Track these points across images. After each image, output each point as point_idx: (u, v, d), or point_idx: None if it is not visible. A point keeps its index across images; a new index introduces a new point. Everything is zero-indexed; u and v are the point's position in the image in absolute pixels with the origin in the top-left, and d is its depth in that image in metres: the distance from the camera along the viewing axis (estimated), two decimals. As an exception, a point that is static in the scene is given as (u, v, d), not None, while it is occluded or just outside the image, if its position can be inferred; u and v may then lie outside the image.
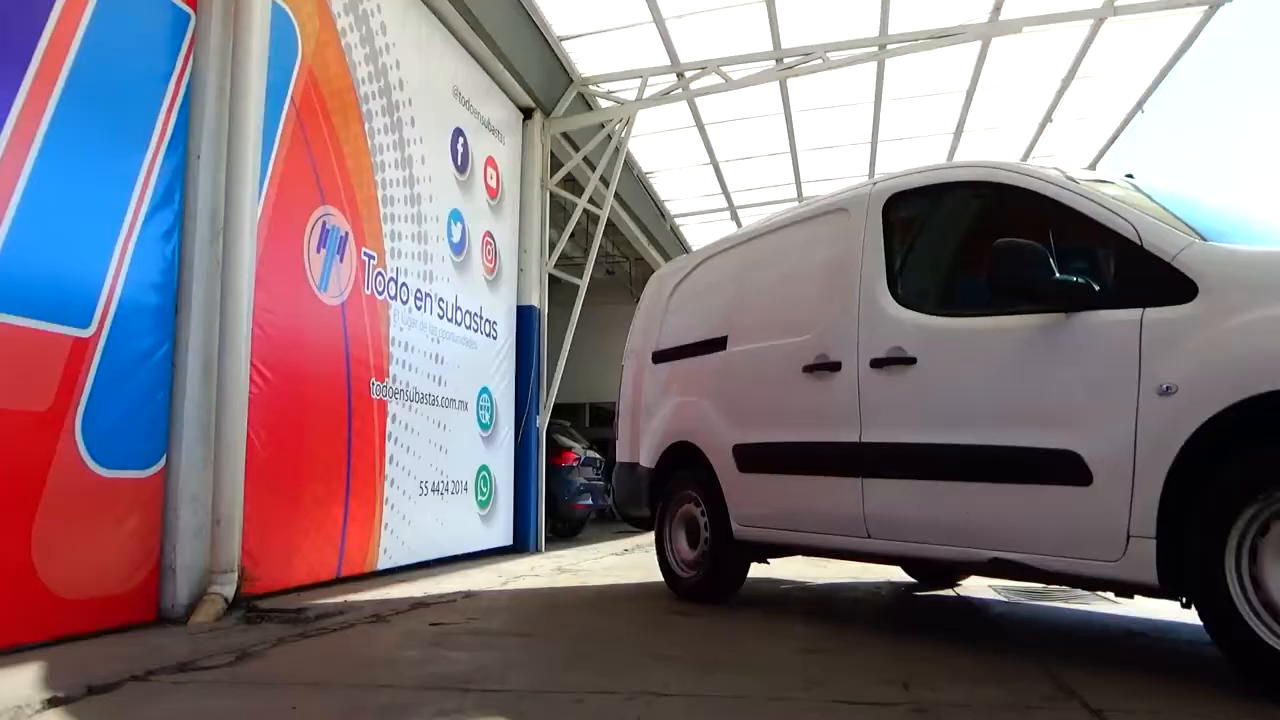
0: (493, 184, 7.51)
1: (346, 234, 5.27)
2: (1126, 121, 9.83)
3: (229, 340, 4.12)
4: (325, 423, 5.02)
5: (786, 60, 8.04)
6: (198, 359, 4.04)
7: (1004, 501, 3.02)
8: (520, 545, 7.69)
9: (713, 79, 8.22)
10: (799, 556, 4.90)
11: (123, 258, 3.72)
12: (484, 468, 7.14)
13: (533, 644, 3.36)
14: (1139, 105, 9.39)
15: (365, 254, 5.46)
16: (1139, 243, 2.79)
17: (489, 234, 7.40)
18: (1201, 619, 2.51)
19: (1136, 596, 2.91)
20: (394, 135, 5.88)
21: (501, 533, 7.48)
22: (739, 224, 12.51)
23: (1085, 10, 7.48)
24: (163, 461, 3.91)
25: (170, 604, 3.86)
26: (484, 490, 7.11)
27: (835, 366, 3.73)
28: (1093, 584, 2.96)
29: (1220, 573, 2.42)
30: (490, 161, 7.47)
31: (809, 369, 3.86)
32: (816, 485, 3.82)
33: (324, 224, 5.05)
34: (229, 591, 4.00)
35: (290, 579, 4.68)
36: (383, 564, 5.56)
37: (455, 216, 6.77)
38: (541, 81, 8.01)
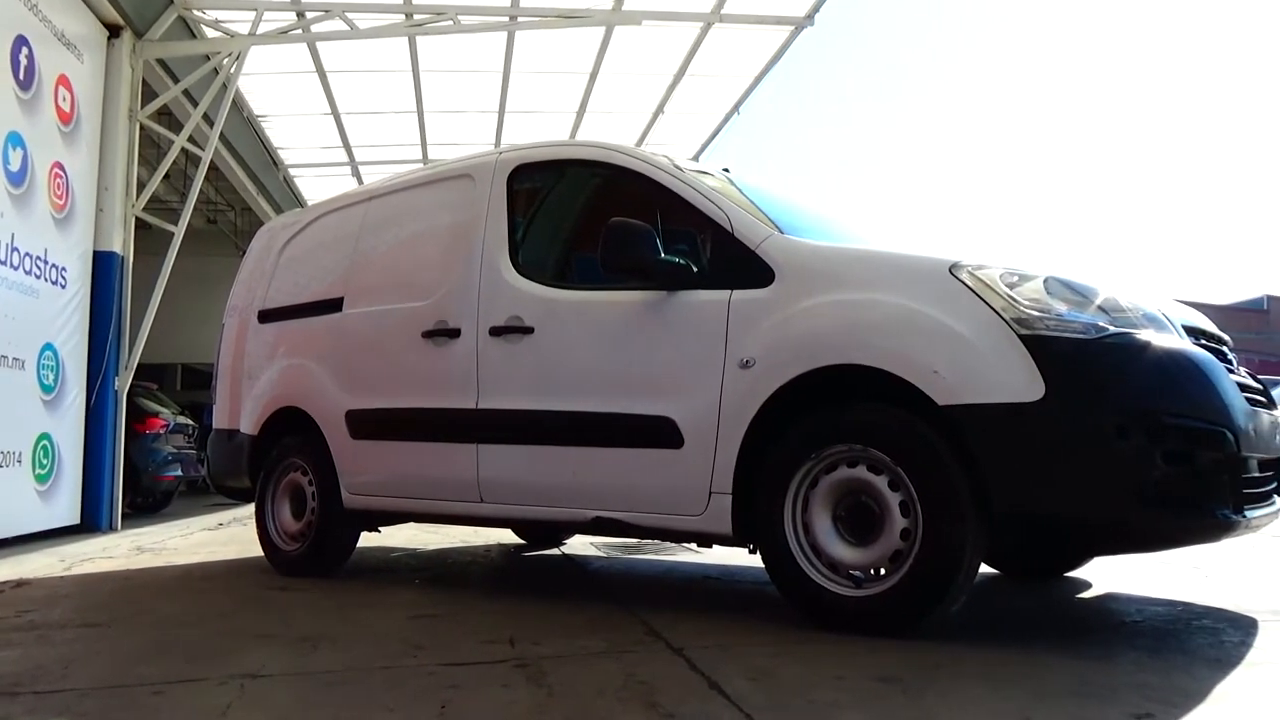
0: (66, 107, 6.44)
1: None
2: (726, 120, 10.98)
3: None
4: None
5: (416, 17, 7.82)
6: None
7: (608, 464, 3.24)
8: (91, 524, 6.75)
9: (337, 24, 7.74)
10: (411, 523, 4.85)
11: None
12: (45, 436, 6.16)
13: (103, 635, 2.97)
14: (736, 107, 10.58)
15: (-119, 173, 4.42)
16: (731, 231, 3.12)
17: (59, 165, 6.34)
18: (764, 562, 2.90)
19: (715, 546, 3.27)
20: (-73, 31, 4.81)
21: (67, 510, 6.51)
22: (360, 181, 12.00)
23: (696, 13, 8.19)
24: None
25: None
26: (44, 462, 6.13)
27: (454, 333, 3.72)
28: (680, 537, 3.30)
29: (780, 521, 2.80)
30: (64, 81, 6.39)
31: (428, 335, 3.81)
32: (432, 451, 3.80)
33: None
34: None
35: None
36: (-99, 553, 4.60)
37: (15, 140, 5.72)
38: (132, -5, 7.01)
